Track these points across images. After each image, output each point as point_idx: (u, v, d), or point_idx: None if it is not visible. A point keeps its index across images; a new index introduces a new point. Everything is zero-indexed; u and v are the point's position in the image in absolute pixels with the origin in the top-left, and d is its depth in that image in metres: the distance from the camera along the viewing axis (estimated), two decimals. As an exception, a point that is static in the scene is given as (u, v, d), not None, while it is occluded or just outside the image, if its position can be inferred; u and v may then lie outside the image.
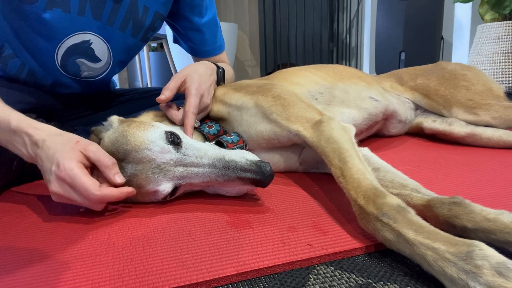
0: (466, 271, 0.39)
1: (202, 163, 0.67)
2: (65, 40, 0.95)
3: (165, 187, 0.68)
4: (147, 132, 0.68)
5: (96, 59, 1.03)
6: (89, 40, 0.99)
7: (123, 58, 1.11)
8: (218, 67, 1.01)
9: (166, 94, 0.83)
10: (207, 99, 0.87)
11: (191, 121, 0.80)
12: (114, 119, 0.78)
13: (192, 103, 0.82)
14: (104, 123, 0.79)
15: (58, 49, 0.96)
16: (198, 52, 1.22)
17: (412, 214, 0.49)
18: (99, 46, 1.01)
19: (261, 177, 0.65)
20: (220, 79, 1.01)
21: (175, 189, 0.69)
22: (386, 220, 0.49)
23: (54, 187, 0.64)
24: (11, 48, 0.96)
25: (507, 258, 0.39)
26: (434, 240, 0.44)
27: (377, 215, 0.50)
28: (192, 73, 0.88)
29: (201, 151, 0.69)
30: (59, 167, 0.63)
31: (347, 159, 0.63)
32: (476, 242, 0.41)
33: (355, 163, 0.62)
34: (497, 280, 0.37)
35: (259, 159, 0.69)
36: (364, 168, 0.61)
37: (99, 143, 0.74)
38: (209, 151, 0.69)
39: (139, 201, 0.73)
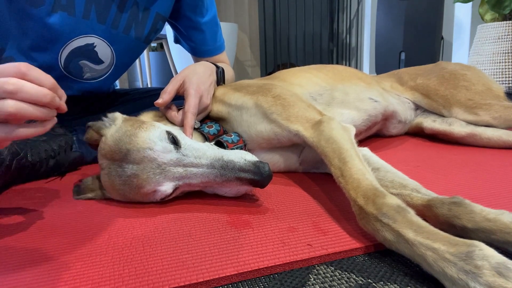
0: (466, 271, 0.39)
1: (200, 163, 0.67)
2: (69, 43, 0.95)
3: (166, 187, 0.68)
4: (149, 132, 0.68)
5: (99, 61, 1.03)
6: (93, 43, 0.99)
7: (125, 60, 1.12)
8: (217, 67, 1.01)
9: (164, 97, 0.83)
10: (207, 99, 0.87)
11: (190, 121, 0.80)
12: (118, 116, 0.77)
13: (191, 103, 0.82)
14: (105, 118, 0.77)
15: (61, 51, 0.96)
16: (199, 52, 1.22)
17: (412, 214, 0.49)
18: (103, 49, 1.01)
19: (259, 177, 0.65)
20: (220, 79, 1.01)
21: (174, 189, 0.69)
22: (385, 220, 0.49)
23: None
24: (12, 50, 0.96)
25: (507, 258, 0.39)
26: (434, 240, 0.44)
27: (376, 215, 0.50)
28: (190, 74, 0.88)
29: (199, 151, 0.69)
30: None
31: (347, 159, 0.63)
32: (476, 242, 0.41)
33: (355, 163, 0.62)
34: (497, 280, 0.37)
35: (257, 159, 0.68)
36: (364, 168, 0.61)
37: (99, 140, 0.74)
38: (208, 151, 0.69)
39: (138, 201, 0.73)
